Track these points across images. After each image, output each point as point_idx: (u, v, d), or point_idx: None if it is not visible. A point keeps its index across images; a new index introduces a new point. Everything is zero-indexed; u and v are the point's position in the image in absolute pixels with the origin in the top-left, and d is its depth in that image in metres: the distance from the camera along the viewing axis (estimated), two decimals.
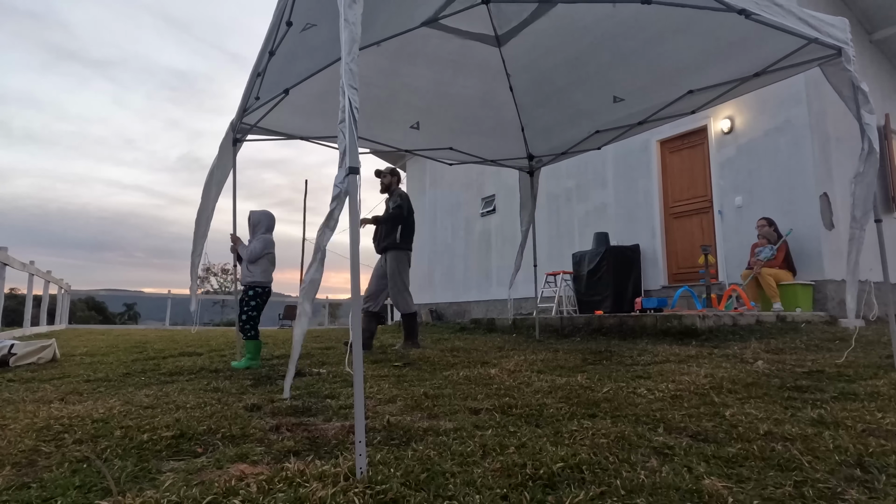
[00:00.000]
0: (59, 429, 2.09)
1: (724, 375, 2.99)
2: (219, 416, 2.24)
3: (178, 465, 1.67)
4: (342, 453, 1.71)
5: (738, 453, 1.63)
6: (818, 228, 6.09)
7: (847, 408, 2.17)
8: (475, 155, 5.55)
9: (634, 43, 3.67)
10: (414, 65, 4.06)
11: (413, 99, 4.47)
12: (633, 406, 2.33)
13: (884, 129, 7.71)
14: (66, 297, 13.86)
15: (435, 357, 4.47)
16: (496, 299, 10.95)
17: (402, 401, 2.59)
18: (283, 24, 3.00)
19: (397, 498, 1.31)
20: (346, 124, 1.74)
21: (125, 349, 5.98)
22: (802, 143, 6.27)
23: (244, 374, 3.71)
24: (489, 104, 4.72)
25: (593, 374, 3.25)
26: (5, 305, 7.35)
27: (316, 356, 4.77)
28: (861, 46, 7.77)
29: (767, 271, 6.05)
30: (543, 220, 9.94)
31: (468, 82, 4.36)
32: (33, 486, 1.47)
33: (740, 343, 4.39)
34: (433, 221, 13.19)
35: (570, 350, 4.60)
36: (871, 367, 3.15)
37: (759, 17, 2.76)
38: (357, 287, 1.65)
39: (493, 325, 7.54)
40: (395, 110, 4.59)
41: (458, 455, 1.65)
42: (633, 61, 3.88)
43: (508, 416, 2.21)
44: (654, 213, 7.98)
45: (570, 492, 1.35)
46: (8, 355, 4.40)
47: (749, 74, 3.68)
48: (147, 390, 3.04)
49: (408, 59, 3.98)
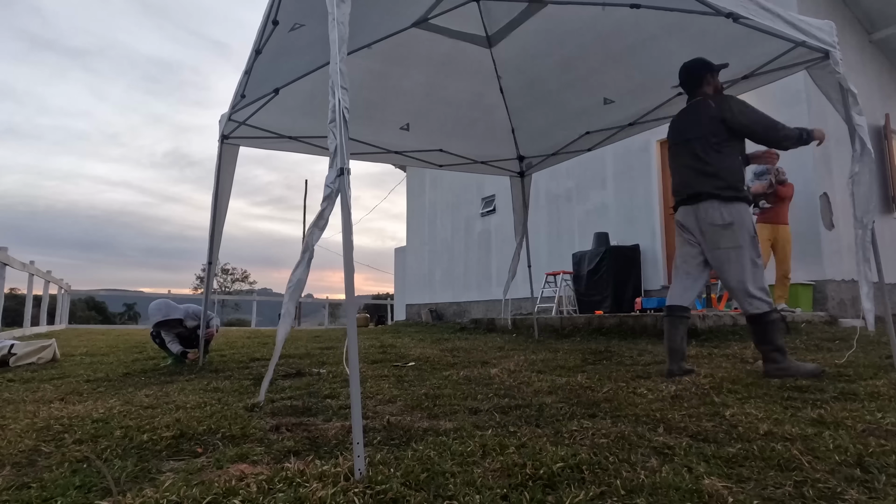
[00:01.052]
0: (59, 429, 2.09)
1: (724, 375, 2.99)
2: (219, 416, 2.24)
3: (178, 465, 1.67)
4: (342, 453, 1.71)
5: (738, 453, 1.63)
6: (818, 228, 6.08)
7: (847, 408, 2.17)
8: (465, 157, 5.61)
9: (624, 45, 3.72)
10: (405, 67, 4.08)
11: (404, 101, 4.49)
12: (633, 406, 2.33)
13: (884, 129, 7.71)
14: (66, 297, 13.86)
15: (435, 357, 4.47)
16: (496, 299, 10.95)
17: (402, 401, 2.60)
18: (270, 23, 2.97)
19: (397, 498, 1.31)
20: (336, 124, 1.73)
21: (125, 349, 5.98)
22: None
23: (244, 373, 3.71)
24: (480, 106, 4.77)
25: (593, 374, 3.25)
26: (5, 305, 7.35)
27: (316, 356, 4.77)
28: (861, 46, 7.77)
29: (783, 231, 5.64)
30: (543, 221, 9.94)
31: (459, 84, 4.38)
32: (33, 486, 1.47)
33: (740, 343, 4.39)
34: (433, 221, 13.19)
35: (570, 350, 4.60)
36: (871, 367, 3.14)
37: (746, 21, 2.78)
38: (351, 287, 1.64)
39: (493, 325, 7.54)
40: (386, 112, 4.60)
41: (458, 455, 1.65)
42: (623, 63, 3.92)
43: (508, 416, 2.21)
44: (654, 213, 7.98)
45: (570, 492, 1.35)
46: (8, 355, 4.40)
47: (738, 77, 3.73)
48: (147, 390, 3.04)
49: (398, 62, 4.00)
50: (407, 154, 5.48)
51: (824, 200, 6.25)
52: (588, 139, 5.15)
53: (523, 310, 9.81)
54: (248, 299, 23.27)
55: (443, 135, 5.14)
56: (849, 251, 6.52)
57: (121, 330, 12.95)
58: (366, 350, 5.23)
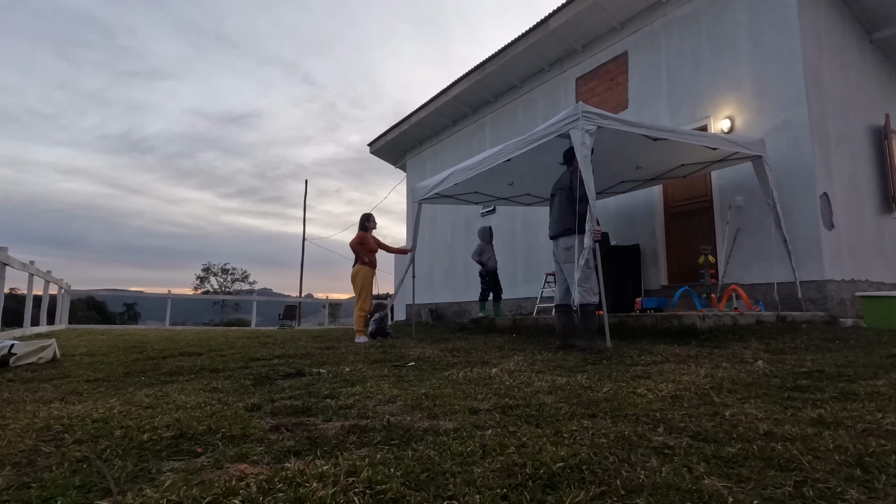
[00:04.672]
0: (59, 429, 2.10)
1: (724, 375, 2.99)
2: (219, 416, 2.24)
3: (178, 465, 1.67)
4: (342, 453, 1.71)
5: (738, 453, 1.63)
6: (818, 228, 6.08)
7: (847, 408, 2.17)
8: (539, 196, 8.41)
9: (650, 145, 5.91)
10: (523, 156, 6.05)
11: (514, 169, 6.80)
12: (633, 406, 2.33)
13: (884, 129, 7.71)
14: (65, 296, 13.86)
15: (435, 357, 4.47)
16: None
17: (402, 401, 2.59)
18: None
19: (397, 498, 1.31)
20: None
21: (125, 349, 5.98)
22: (802, 143, 6.27)
23: (244, 373, 3.71)
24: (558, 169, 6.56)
25: (593, 374, 3.25)
26: (5, 305, 7.34)
27: (316, 356, 4.77)
28: (861, 46, 7.77)
29: None
30: (543, 221, 9.93)
31: (551, 159, 6.14)
32: (33, 486, 1.47)
33: (740, 343, 4.39)
34: (433, 221, 13.19)
35: (570, 350, 4.60)
36: (871, 367, 3.15)
37: (714, 146, 5.90)
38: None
39: (493, 325, 7.54)
40: (504, 176, 7.22)
41: (458, 455, 1.65)
42: (650, 151, 6.18)
43: (508, 416, 2.21)
44: (654, 213, 7.98)
45: (570, 492, 1.35)
46: (8, 355, 4.40)
47: (715, 160, 6.60)
48: (147, 390, 3.04)
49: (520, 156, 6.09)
50: (512, 199, 8.72)
51: (824, 200, 6.25)
52: (622, 185, 7.94)
53: (523, 309, 9.81)
54: (248, 299, 23.28)
55: (528, 186, 7.93)
56: (849, 251, 6.52)
57: (121, 330, 12.95)
58: (366, 350, 5.23)
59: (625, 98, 8.43)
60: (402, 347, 5.42)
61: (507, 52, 9.91)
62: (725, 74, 7.09)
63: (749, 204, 6.70)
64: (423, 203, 7.78)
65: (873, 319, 5.42)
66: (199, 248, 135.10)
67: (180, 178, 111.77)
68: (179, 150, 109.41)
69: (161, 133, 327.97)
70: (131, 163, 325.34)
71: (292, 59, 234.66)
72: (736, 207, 6.81)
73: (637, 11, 8.25)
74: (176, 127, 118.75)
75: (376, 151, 14.99)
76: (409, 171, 14.73)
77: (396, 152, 14.97)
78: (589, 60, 9.17)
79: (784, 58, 6.47)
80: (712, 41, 7.28)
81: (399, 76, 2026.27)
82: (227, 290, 52.89)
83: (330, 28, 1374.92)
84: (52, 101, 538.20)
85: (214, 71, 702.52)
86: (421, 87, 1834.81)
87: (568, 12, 8.61)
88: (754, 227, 6.63)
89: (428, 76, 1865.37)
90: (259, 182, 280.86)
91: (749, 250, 6.64)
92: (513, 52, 9.79)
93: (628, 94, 8.40)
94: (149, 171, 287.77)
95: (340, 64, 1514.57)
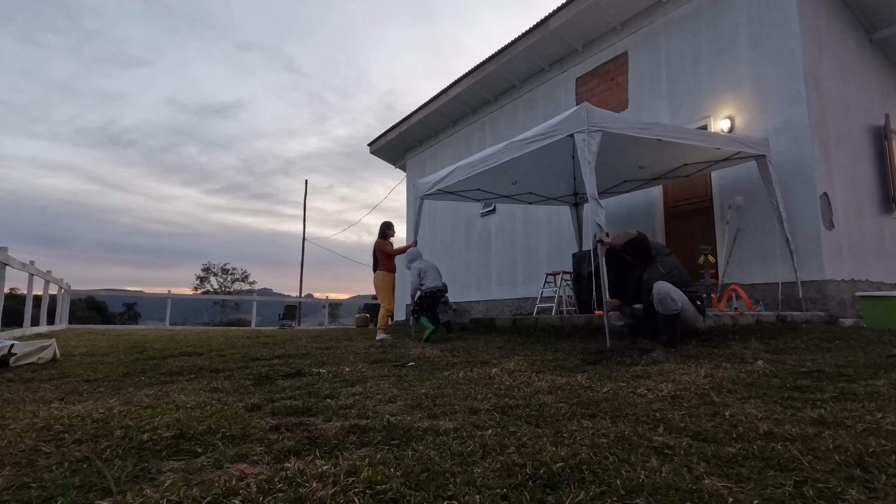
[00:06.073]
0: (59, 429, 2.09)
1: (724, 375, 2.99)
2: (219, 416, 2.24)
3: (178, 465, 1.67)
4: (342, 453, 1.71)
5: (738, 453, 1.63)
6: (818, 228, 6.08)
7: (847, 408, 2.17)
8: (542, 195, 8.64)
9: (654, 145, 5.88)
10: (527, 157, 6.17)
11: (519, 168, 6.91)
12: (633, 406, 2.33)
13: (884, 129, 7.71)
14: (65, 296, 13.86)
15: (435, 357, 4.47)
16: (496, 299, 10.95)
17: (402, 401, 2.59)
18: None
19: (397, 498, 1.31)
20: None
21: (125, 349, 5.98)
22: (802, 143, 6.27)
23: (244, 373, 3.71)
24: (557, 167, 7.15)
25: (593, 374, 3.25)
26: (5, 305, 7.34)
27: (316, 356, 4.77)
28: (861, 46, 7.77)
29: None
30: (544, 221, 9.94)
31: (554, 158, 6.57)
32: (33, 486, 1.47)
33: (740, 343, 4.38)
34: (433, 221, 13.20)
35: (570, 350, 4.60)
36: (871, 367, 3.14)
37: (718, 146, 5.92)
38: None
39: (493, 325, 7.54)
40: (506, 175, 7.21)
41: (458, 455, 1.65)
42: (653, 150, 6.18)
43: (508, 416, 2.21)
44: (655, 213, 7.98)
45: (570, 492, 1.35)
46: (8, 355, 4.40)
47: (719, 159, 6.58)
48: (147, 390, 3.04)
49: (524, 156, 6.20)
50: (514, 197, 8.64)
51: (824, 200, 6.25)
52: (625, 185, 7.93)
53: (523, 309, 9.81)
54: (248, 299, 23.28)
55: (532, 185, 8.00)
56: (849, 251, 6.51)
57: (121, 330, 12.95)
58: (366, 350, 5.23)
59: (625, 98, 8.44)
60: (402, 347, 5.42)
61: (507, 52, 9.92)
62: (725, 74, 7.09)
63: (749, 204, 6.70)
64: (424, 199, 7.75)
65: (873, 319, 5.42)
66: (192, 248, 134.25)
67: (164, 173, 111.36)
68: (161, 143, 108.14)
69: (140, 126, 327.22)
70: (112, 157, 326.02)
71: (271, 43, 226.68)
72: (736, 207, 6.81)
73: (637, 11, 8.25)
74: (155, 119, 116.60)
75: (376, 151, 15.00)
76: (409, 171, 14.74)
77: (396, 152, 14.98)
78: (589, 60, 9.18)
79: (784, 58, 6.46)
80: (712, 41, 7.28)
81: (386, 63, 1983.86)
82: (227, 290, 52.88)
83: (309, 10, 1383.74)
84: (19, 90, 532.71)
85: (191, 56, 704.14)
86: (410, 76, 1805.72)
87: (568, 12, 8.61)
88: (754, 227, 6.63)
89: (416, 63, 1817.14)
90: (246, 178, 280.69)
91: (749, 250, 6.64)
92: (513, 51, 9.80)
93: (628, 94, 8.40)
94: (131, 165, 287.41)
95: (322, 49, 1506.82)
